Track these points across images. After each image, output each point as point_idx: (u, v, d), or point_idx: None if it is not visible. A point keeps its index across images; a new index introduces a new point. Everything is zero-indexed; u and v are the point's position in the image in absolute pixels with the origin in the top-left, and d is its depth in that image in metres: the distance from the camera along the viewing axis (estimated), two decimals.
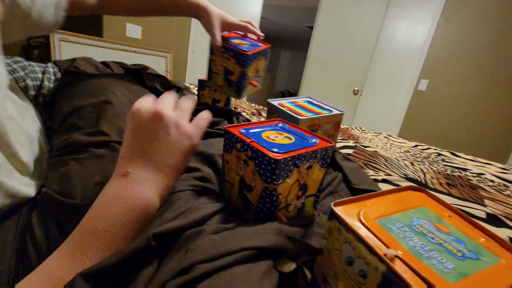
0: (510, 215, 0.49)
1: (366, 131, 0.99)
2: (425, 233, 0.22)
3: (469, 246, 0.21)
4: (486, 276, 0.19)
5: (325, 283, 0.25)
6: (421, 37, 2.57)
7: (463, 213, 0.25)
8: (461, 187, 0.57)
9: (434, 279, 0.18)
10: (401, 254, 0.20)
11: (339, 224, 0.23)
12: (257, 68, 0.64)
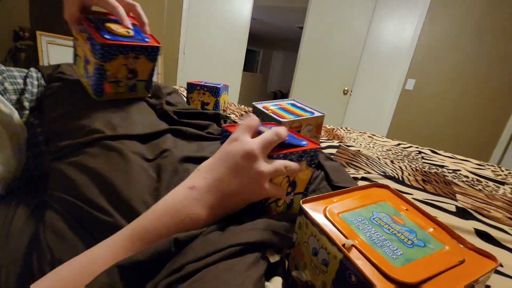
0: (478, 208, 0.53)
1: (351, 131, 1.02)
2: (382, 225, 0.25)
3: (419, 236, 0.24)
4: (428, 260, 0.21)
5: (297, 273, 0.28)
6: (407, 37, 2.64)
7: (419, 207, 0.28)
8: (435, 183, 0.61)
9: (383, 264, 0.20)
10: (357, 243, 0.22)
11: (306, 219, 0.26)
12: (130, 67, 0.47)
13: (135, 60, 0.47)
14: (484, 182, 0.70)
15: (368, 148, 0.83)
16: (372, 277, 0.19)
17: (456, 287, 0.19)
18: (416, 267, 0.21)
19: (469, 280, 0.20)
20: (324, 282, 0.23)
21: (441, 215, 0.49)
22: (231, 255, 0.26)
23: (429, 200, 0.53)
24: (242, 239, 0.27)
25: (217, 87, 0.87)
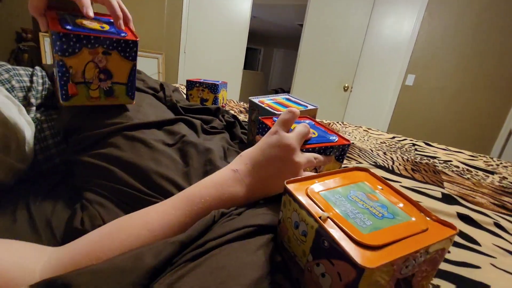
0: (464, 194, 0.56)
1: (347, 125, 1.05)
2: (357, 201, 0.28)
3: (390, 210, 0.27)
4: (394, 229, 0.24)
5: (283, 248, 0.31)
6: (406, 33, 2.64)
7: (393, 186, 0.31)
8: (424, 172, 0.63)
9: (352, 232, 0.23)
10: (332, 215, 0.25)
11: (289, 197, 0.28)
12: (100, 66, 0.40)
13: (105, 57, 0.40)
14: (474, 171, 0.73)
15: (363, 141, 0.85)
16: (341, 241, 0.22)
17: (413, 248, 0.22)
18: (382, 234, 0.23)
19: (427, 243, 0.23)
20: (304, 251, 0.26)
21: (427, 200, 0.51)
22: (245, 235, 0.30)
23: (416, 187, 0.56)
24: (256, 222, 0.31)
25: (216, 84, 0.90)
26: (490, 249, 0.41)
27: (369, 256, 0.21)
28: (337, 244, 0.22)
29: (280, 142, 0.36)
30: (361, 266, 0.20)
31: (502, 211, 0.52)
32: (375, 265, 0.20)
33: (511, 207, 0.54)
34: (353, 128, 0.99)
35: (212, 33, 3.02)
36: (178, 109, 0.63)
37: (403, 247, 0.22)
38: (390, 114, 2.84)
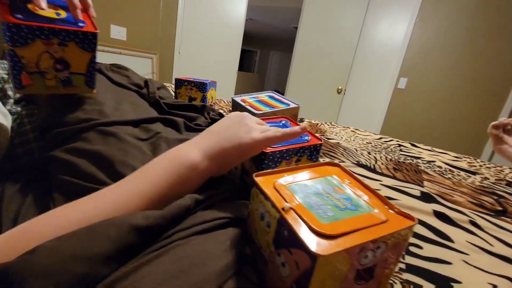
0: (442, 193, 0.56)
1: (335, 126, 1.05)
2: (323, 193, 0.28)
3: (353, 202, 0.27)
4: (354, 220, 0.24)
5: (251, 240, 0.31)
6: (399, 37, 2.68)
7: (361, 180, 0.31)
8: (406, 171, 0.64)
9: (312, 222, 0.23)
10: (295, 206, 0.25)
11: (256, 189, 0.29)
12: (56, 56, 0.38)
13: (62, 48, 0.38)
14: (456, 172, 0.74)
15: (349, 141, 0.86)
16: (298, 230, 0.22)
17: (368, 238, 0.22)
18: (341, 224, 0.24)
19: (384, 233, 0.23)
20: (268, 242, 0.26)
21: (405, 198, 0.52)
22: (215, 227, 0.29)
23: (396, 186, 0.56)
24: (226, 214, 0.31)
25: (204, 82, 0.90)
26: (463, 246, 0.42)
27: (324, 245, 0.21)
28: (295, 233, 0.22)
29: (233, 114, 0.38)
30: (314, 253, 0.20)
31: (480, 210, 0.53)
32: (328, 252, 0.20)
33: (489, 206, 0.55)
34: (340, 129, 1.00)
35: (207, 34, 3.02)
36: (161, 105, 0.63)
37: (359, 237, 0.22)
38: (383, 117, 2.86)
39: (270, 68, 7.96)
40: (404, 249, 0.26)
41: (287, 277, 0.24)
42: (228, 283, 0.24)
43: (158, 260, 0.23)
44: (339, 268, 0.22)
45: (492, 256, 0.41)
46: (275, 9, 4.25)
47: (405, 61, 2.68)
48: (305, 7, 2.99)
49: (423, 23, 2.57)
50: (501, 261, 0.40)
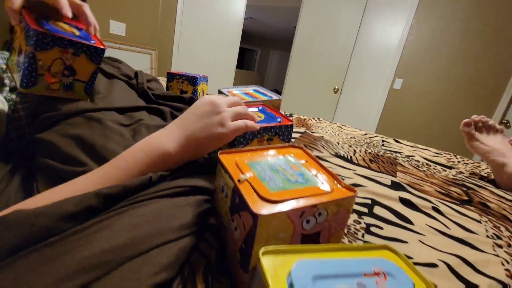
0: (413, 183, 0.59)
1: (322, 121, 1.09)
2: (279, 169, 0.31)
3: (305, 177, 0.30)
4: (299, 190, 0.27)
5: (216, 213, 0.34)
6: (395, 38, 2.71)
7: (318, 161, 0.34)
8: (381, 163, 0.67)
9: (261, 190, 0.26)
10: (249, 178, 0.28)
11: (220, 165, 0.32)
12: (67, 63, 0.45)
13: (73, 57, 0.44)
14: (432, 166, 0.77)
15: (333, 135, 0.89)
16: (245, 194, 0.25)
17: (307, 203, 0.25)
18: (287, 193, 0.27)
19: (323, 201, 0.26)
20: (226, 211, 0.29)
21: (375, 186, 0.55)
22: (176, 193, 0.32)
23: (369, 175, 0.59)
24: (188, 183, 0.34)
25: (195, 76, 0.93)
26: (422, 228, 0.45)
27: (266, 207, 0.24)
28: (243, 197, 0.25)
29: (205, 99, 0.40)
30: (255, 213, 0.23)
31: (446, 199, 0.56)
32: (268, 212, 0.23)
33: (456, 196, 0.58)
34: (327, 124, 1.03)
35: (206, 32, 3.05)
36: (149, 96, 0.66)
37: (298, 203, 0.25)
38: (378, 117, 2.90)
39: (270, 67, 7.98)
40: (346, 219, 0.29)
41: (238, 239, 0.27)
42: (184, 240, 0.27)
43: (115, 218, 0.26)
44: (282, 231, 0.25)
45: (447, 238, 0.44)
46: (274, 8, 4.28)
47: (401, 62, 2.71)
48: (303, 7, 3.02)
49: (419, 25, 2.60)
50: (455, 242, 0.43)
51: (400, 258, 0.21)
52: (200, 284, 0.26)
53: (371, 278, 0.19)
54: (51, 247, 0.22)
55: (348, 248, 0.21)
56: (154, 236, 0.25)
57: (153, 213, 0.27)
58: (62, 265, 0.20)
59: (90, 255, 0.21)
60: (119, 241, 0.23)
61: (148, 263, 0.22)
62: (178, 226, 0.27)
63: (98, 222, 0.25)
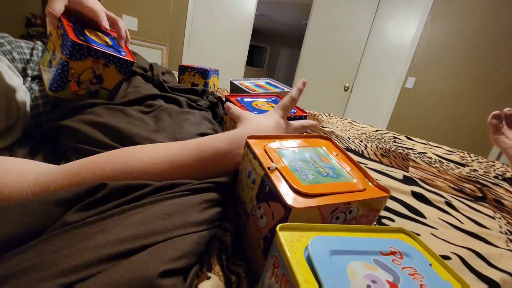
0: (425, 178, 0.59)
1: (333, 117, 1.08)
2: (309, 160, 0.31)
3: (336, 171, 0.30)
4: (332, 185, 0.27)
5: (237, 197, 0.34)
6: (409, 35, 2.65)
7: (348, 154, 0.34)
8: (393, 158, 0.67)
9: (292, 181, 0.26)
10: (280, 167, 0.28)
11: (247, 149, 0.32)
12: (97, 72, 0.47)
13: (104, 67, 0.47)
14: (445, 163, 0.75)
15: (344, 131, 0.88)
16: (279, 186, 0.25)
17: (341, 200, 0.25)
18: (320, 187, 0.27)
19: (357, 199, 0.26)
20: (251, 197, 0.30)
21: (386, 180, 0.55)
22: (201, 189, 0.32)
23: (380, 169, 0.59)
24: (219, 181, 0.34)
25: (206, 69, 0.94)
26: (434, 222, 0.45)
27: (299, 200, 0.24)
28: (275, 187, 0.25)
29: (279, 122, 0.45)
30: (289, 205, 0.23)
31: (459, 195, 0.55)
32: (301, 206, 0.23)
33: (469, 192, 0.57)
34: (337, 120, 1.02)
35: (217, 28, 3.06)
36: (165, 88, 0.67)
37: (334, 198, 0.25)
38: (389, 116, 2.85)
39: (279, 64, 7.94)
40: (375, 219, 0.29)
41: (264, 227, 0.27)
42: (205, 231, 0.28)
43: (147, 206, 0.27)
44: None
45: (460, 232, 0.43)
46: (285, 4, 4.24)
47: (414, 60, 2.66)
48: (315, 3, 2.99)
49: (434, 22, 2.54)
50: (468, 236, 0.43)
51: (415, 240, 0.22)
52: (214, 264, 0.27)
53: (387, 256, 0.19)
54: (88, 226, 0.23)
55: (363, 229, 0.22)
56: (182, 227, 0.26)
57: (183, 205, 0.28)
58: (98, 245, 0.22)
59: (124, 239, 0.23)
60: (150, 228, 0.24)
61: (172, 248, 0.23)
62: (202, 221, 0.28)
63: (132, 208, 0.26)
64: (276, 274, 0.18)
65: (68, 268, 0.20)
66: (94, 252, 0.21)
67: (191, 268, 0.25)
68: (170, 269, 0.22)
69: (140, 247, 0.23)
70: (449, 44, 2.50)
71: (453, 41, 2.49)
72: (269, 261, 0.19)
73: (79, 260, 0.20)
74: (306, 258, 0.17)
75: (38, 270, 0.20)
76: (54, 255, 0.21)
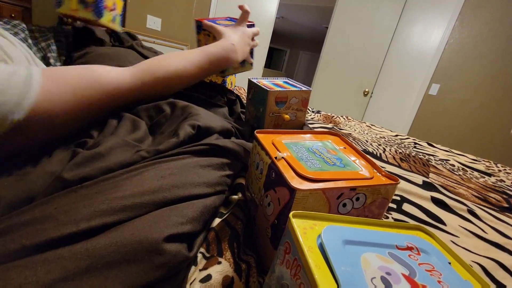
0: (446, 185, 0.56)
1: (351, 120, 1.06)
2: (316, 152, 0.31)
3: (343, 162, 0.30)
4: (338, 172, 0.27)
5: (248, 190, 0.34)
6: (434, 40, 2.56)
7: (357, 148, 0.34)
8: (413, 163, 0.64)
9: (298, 168, 0.26)
10: (286, 156, 0.28)
11: (256, 142, 0.32)
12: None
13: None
14: (469, 171, 0.72)
15: (361, 134, 0.86)
16: (283, 170, 0.25)
17: (346, 184, 0.25)
18: (325, 173, 0.27)
19: (363, 184, 0.25)
20: (259, 187, 0.30)
21: (405, 184, 0.53)
22: (199, 151, 0.33)
23: (399, 173, 0.57)
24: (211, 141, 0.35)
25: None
26: (455, 229, 0.43)
27: (304, 184, 0.24)
28: (280, 172, 0.25)
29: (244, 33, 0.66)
30: (293, 187, 0.23)
31: (483, 204, 0.52)
32: (305, 188, 0.23)
33: (494, 202, 0.54)
34: (356, 123, 1.00)
35: None
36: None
37: (339, 183, 0.25)
38: (410, 122, 2.76)
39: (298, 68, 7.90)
40: (384, 208, 0.28)
41: (271, 215, 0.27)
42: (208, 200, 0.28)
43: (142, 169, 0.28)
44: (318, 209, 0.25)
45: (483, 241, 0.41)
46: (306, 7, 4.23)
47: (439, 66, 2.56)
48: (337, 6, 2.96)
49: (462, 27, 2.44)
50: (491, 246, 0.40)
51: (434, 239, 0.21)
52: (226, 250, 0.27)
53: (404, 251, 0.18)
54: (86, 188, 0.24)
55: (379, 223, 0.21)
56: (179, 187, 0.26)
57: (177, 168, 0.29)
58: (96, 202, 0.22)
59: (121, 197, 0.23)
60: (146, 187, 0.25)
61: (176, 213, 0.24)
62: (200, 183, 0.28)
63: (128, 172, 0.27)
64: (288, 260, 0.18)
65: (68, 220, 0.21)
66: (92, 207, 0.22)
67: (195, 237, 0.26)
68: (174, 233, 0.22)
69: (138, 204, 0.23)
70: (478, 50, 2.39)
71: (482, 47, 2.37)
72: (280, 247, 0.19)
73: (79, 215, 0.21)
74: (319, 246, 0.17)
75: (40, 223, 0.21)
76: (54, 211, 0.22)
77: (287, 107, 0.60)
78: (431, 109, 2.65)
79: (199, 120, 0.38)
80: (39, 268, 0.18)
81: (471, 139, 2.50)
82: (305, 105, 0.66)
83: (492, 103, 2.37)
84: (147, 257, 0.20)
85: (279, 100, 0.62)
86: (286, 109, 0.60)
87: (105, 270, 0.19)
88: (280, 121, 0.60)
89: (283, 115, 0.59)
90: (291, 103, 0.64)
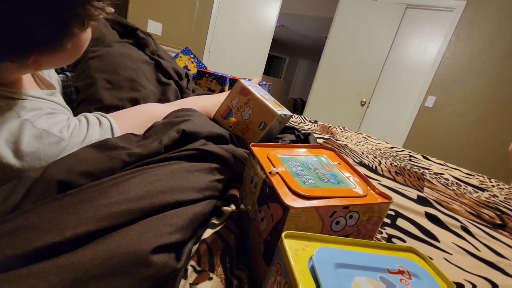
0: (441, 200, 0.56)
1: (347, 130, 1.06)
2: (310, 167, 0.31)
3: (338, 178, 0.30)
4: (332, 190, 0.27)
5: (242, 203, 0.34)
6: (431, 54, 2.61)
7: (351, 163, 0.34)
8: (408, 177, 0.65)
9: (292, 184, 0.26)
10: (281, 171, 0.29)
11: (250, 155, 0.32)
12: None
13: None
14: (463, 186, 0.72)
15: (357, 145, 0.87)
16: (277, 187, 0.25)
17: (339, 203, 0.25)
18: (319, 190, 0.27)
19: (358, 203, 0.25)
20: (253, 201, 0.30)
21: (399, 199, 0.53)
22: (186, 156, 0.34)
23: (393, 187, 0.57)
24: (199, 146, 0.35)
25: (224, 76, 0.96)
26: (448, 246, 0.43)
27: (297, 201, 0.24)
28: (274, 189, 0.25)
29: None
30: (286, 205, 0.23)
31: (476, 220, 0.53)
32: (298, 206, 0.23)
33: (487, 218, 0.54)
34: (352, 134, 1.01)
35: (238, 37, 3.12)
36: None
37: (332, 201, 0.25)
38: (406, 134, 2.78)
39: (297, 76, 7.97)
40: (377, 227, 0.28)
41: (263, 230, 0.27)
42: (197, 206, 0.28)
43: (129, 176, 0.28)
44: (310, 227, 0.25)
45: (476, 259, 0.41)
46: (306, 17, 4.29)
47: (435, 79, 2.60)
48: (337, 17, 3.00)
49: (458, 42, 2.48)
50: (484, 265, 0.40)
51: (426, 262, 0.21)
52: (217, 266, 0.27)
53: (395, 275, 0.18)
54: (70, 196, 0.24)
55: (371, 244, 0.21)
56: (166, 193, 0.26)
57: (164, 174, 0.29)
58: (81, 210, 0.22)
59: (107, 204, 0.23)
60: (133, 193, 0.25)
61: (165, 222, 0.23)
62: (188, 188, 0.28)
63: (114, 178, 0.27)
64: (278, 282, 0.18)
65: (52, 229, 0.20)
66: (77, 215, 0.21)
67: (183, 245, 0.25)
68: (162, 244, 0.22)
69: (125, 211, 0.23)
70: (474, 64, 2.44)
71: (478, 62, 2.42)
72: (272, 268, 0.19)
73: (63, 223, 0.21)
74: (310, 269, 0.17)
75: (23, 232, 0.20)
76: (38, 220, 0.21)
77: (236, 111, 0.59)
78: (427, 120, 2.68)
79: (185, 125, 0.39)
80: (23, 283, 0.17)
81: (466, 150, 2.52)
82: (246, 93, 0.63)
83: (488, 116, 2.40)
84: (134, 269, 0.20)
85: (225, 114, 0.61)
86: (236, 113, 0.59)
87: (90, 284, 0.18)
88: (241, 126, 0.58)
89: (231, 119, 0.58)
90: (235, 106, 0.61)
